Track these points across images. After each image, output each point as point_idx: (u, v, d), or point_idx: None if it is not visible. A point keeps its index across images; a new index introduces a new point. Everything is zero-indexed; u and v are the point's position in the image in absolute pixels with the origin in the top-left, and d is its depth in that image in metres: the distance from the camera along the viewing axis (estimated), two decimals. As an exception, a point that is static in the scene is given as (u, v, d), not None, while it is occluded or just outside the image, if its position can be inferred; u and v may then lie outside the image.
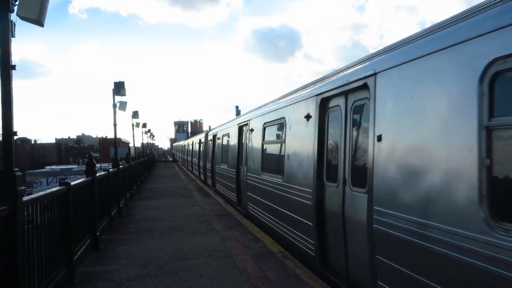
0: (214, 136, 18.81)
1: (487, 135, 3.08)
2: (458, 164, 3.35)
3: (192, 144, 33.59)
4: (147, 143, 54.12)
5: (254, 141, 10.68)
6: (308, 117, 6.65)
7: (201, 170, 24.87)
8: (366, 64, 5.08)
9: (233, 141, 13.83)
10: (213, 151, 19.11)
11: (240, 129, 12.94)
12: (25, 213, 4.46)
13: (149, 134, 54.75)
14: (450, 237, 3.36)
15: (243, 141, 12.43)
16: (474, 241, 3.11)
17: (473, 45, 3.25)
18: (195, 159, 30.59)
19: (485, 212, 3.07)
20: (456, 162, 3.38)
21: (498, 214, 3.01)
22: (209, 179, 20.36)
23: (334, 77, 6.06)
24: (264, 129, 9.79)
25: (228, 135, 15.10)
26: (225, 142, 15.86)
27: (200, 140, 26.65)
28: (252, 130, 10.98)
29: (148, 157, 39.27)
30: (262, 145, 9.83)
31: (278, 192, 8.15)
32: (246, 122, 12.02)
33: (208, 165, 20.50)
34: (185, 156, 43.34)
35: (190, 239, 8.71)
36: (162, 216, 11.71)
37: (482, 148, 3.10)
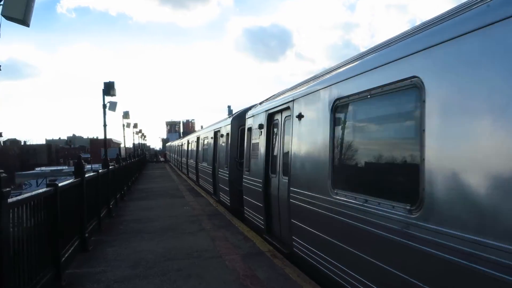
0: (272, 118, 8.50)
1: None
2: None
3: (197, 142, 21.90)
4: (139, 143, 53.90)
5: None
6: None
7: (222, 187, 13.78)
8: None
9: None
10: (268, 157, 8.56)
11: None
12: (11, 215, 4.42)
13: (140, 134, 54.57)
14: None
15: None
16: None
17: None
18: (204, 165, 18.72)
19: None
20: None
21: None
22: (255, 215, 9.48)
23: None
24: None
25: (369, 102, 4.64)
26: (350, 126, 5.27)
27: (217, 134, 15.23)
28: None
29: (139, 157, 39.10)
30: None
31: None
32: None
33: (255, 182, 9.25)
34: (184, 159, 30.97)
35: (180, 240, 8.70)
36: (153, 217, 11.68)
37: None
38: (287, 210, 6.79)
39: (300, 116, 6.56)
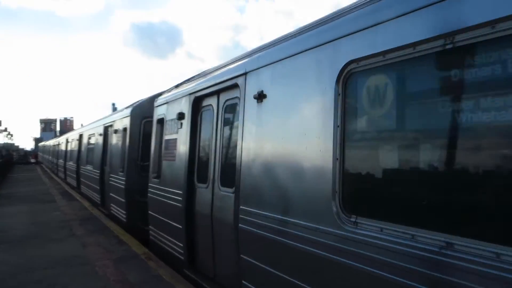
0: (199, 103, 6.12)
1: None
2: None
3: (80, 141, 17.94)
4: (4, 143, 47.71)
5: None
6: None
7: (115, 197, 10.75)
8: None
9: None
10: (193, 158, 6.09)
11: None
12: None
13: (6, 133, 48.36)
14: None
15: None
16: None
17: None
18: (88, 168, 15.03)
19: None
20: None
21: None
22: (168, 240, 6.76)
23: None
24: None
25: None
26: None
27: (109, 130, 12.05)
28: None
29: (4, 158, 34.68)
30: None
31: None
32: None
33: (171, 194, 6.57)
34: (61, 160, 26.19)
35: (45, 248, 7.93)
36: (14, 224, 10.42)
37: None
38: (233, 240, 4.53)
39: (261, 97, 4.25)
